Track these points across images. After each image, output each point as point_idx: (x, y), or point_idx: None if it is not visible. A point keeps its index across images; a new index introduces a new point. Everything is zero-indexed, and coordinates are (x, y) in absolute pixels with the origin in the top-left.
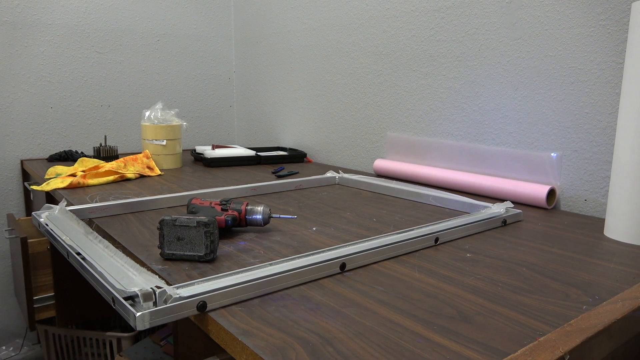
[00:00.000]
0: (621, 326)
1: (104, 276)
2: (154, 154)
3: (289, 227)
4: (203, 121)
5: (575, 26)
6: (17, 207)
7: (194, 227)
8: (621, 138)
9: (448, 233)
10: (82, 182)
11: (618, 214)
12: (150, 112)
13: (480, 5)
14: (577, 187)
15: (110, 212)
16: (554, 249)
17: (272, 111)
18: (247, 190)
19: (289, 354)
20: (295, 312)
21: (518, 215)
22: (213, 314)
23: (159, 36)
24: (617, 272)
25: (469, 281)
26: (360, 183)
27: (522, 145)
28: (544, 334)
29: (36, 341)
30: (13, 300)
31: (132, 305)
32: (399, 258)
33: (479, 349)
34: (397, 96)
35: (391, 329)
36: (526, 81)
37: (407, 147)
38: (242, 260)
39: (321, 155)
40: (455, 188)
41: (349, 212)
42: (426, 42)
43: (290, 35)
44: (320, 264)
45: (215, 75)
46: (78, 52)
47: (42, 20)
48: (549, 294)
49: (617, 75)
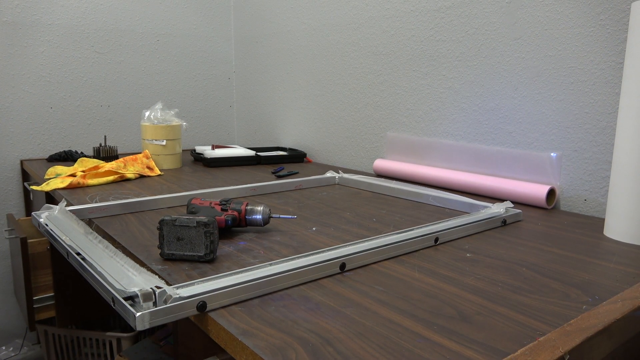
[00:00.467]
0: (621, 326)
1: (104, 276)
2: (153, 154)
3: (288, 227)
4: (203, 121)
5: (575, 26)
6: (17, 207)
7: (193, 227)
8: (621, 138)
9: (448, 233)
10: (82, 182)
11: (618, 213)
12: (150, 112)
13: (480, 5)
14: (577, 187)
15: (110, 212)
16: (553, 249)
17: (271, 111)
18: (247, 190)
19: (289, 354)
20: (295, 312)
21: (518, 215)
22: (213, 314)
23: (159, 36)
24: (617, 272)
25: (468, 281)
26: (360, 183)
27: (522, 145)
28: (544, 334)
29: (36, 341)
30: (13, 300)
31: (132, 306)
32: (399, 258)
33: (479, 349)
34: (397, 96)
35: (391, 329)
36: (526, 81)
37: (407, 147)
38: (242, 260)
39: (321, 155)
40: (455, 188)
41: (349, 212)
42: (426, 42)
43: (290, 35)
44: (320, 264)
45: (215, 75)
46: (78, 52)
47: (42, 20)
48: (549, 294)
49: (617, 75)
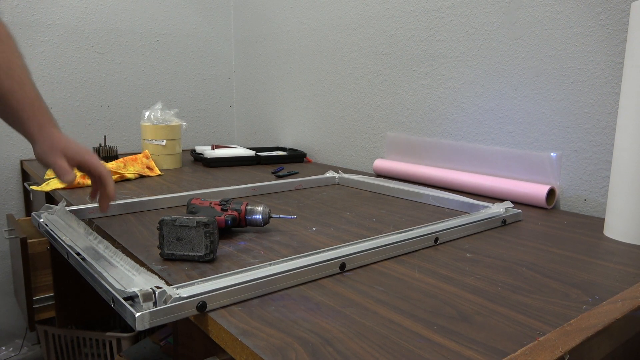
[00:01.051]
0: (621, 326)
1: (104, 276)
2: (153, 154)
3: (288, 227)
4: (203, 121)
5: (575, 26)
6: (16, 207)
7: (193, 227)
8: (621, 138)
9: (448, 233)
10: (82, 182)
11: (618, 213)
12: (150, 112)
13: (479, 5)
14: (577, 186)
15: (110, 212)
16: (553, 249)
17: (271, 111)
18: (247, 191)
19: (289, 354)
20: (295, 312)
21: (518, 215)
22: (213, 314)
23: (159, 36)
24: (616, 272)
25: (468, 281)
26: (360, 183)
27: (522, 145)
28: (544, 334)
29: (36, 341)
30: (13, 300)
31: (132, 306)
32: (399, 258)
33: (479, 348)
34: (397, 96)
35: (391, 329)
36: (526, 81)
37: (406, 147)
38: (242, 260)
39: (321, 155)
40: (455, 188)
41: (349, 212)
42: (426, 42)
43: (290, 35)
44: (320, 264)
45: (215, 75)
46: (78, 52)
47: (42, 20)
48: (549, 294)
49: (617, 74)
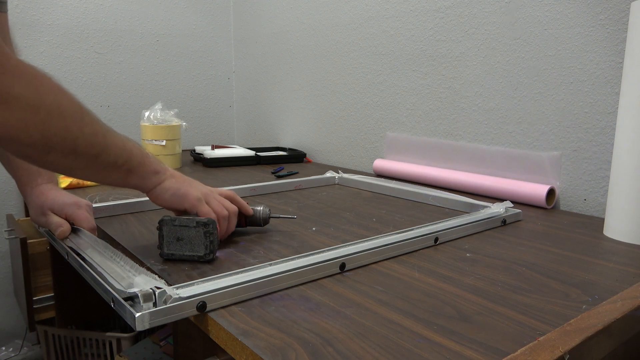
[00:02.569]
0: (621, 326)
1: (104, 276)
2: (153, 154)
3: (288, 227)
4: (202, 121)
5: (575, 26)
6: (16, 207)
7: (193, 227)
8: (620, 138)
9: (448, 233)
10: (82, 182)
11: (617, 213)
12: (150, 112)
13: (479, 5)
14: (577, 186)
15: (110, 212)
16: (553, 249)
17: (271, 111)
18: (247, 191)
19: (289, 354)
20: (295, 312)
21: (517, 214)
22: (213, 314)
23: (159, 36)
24: (616, 272)
25: (468, 281)
26: (359, 183)
27: (522, 145)
28: (544, 334)
29: (36, 342)
30: (12, 300)
31: (132, 306)
32: (399, 258)
33: (479, 348)
34: (397, 96)
35: (391, 329)
36: (525, 81)
37: (406, 147)
38: (242, 260)
39: (321, 155)
40: (455, 188)
41: (349, 212)
42: (426, 42)
43: (290, 35)
44: (320, 264)
45: (215, 75)
46: (78, 52)
47: (42, 20)
48: (549, 294)
49: (617, 74)
